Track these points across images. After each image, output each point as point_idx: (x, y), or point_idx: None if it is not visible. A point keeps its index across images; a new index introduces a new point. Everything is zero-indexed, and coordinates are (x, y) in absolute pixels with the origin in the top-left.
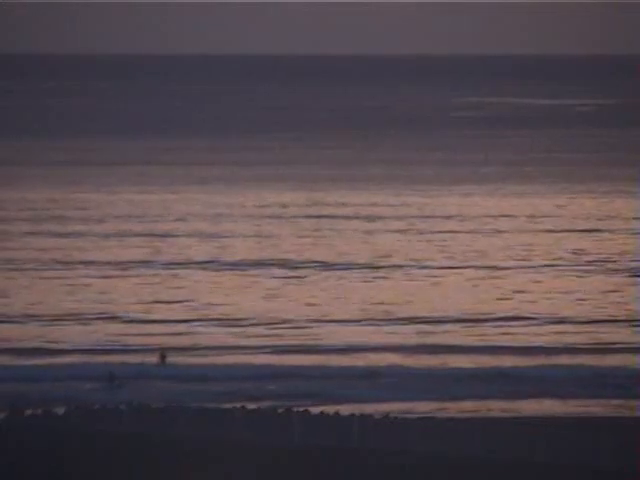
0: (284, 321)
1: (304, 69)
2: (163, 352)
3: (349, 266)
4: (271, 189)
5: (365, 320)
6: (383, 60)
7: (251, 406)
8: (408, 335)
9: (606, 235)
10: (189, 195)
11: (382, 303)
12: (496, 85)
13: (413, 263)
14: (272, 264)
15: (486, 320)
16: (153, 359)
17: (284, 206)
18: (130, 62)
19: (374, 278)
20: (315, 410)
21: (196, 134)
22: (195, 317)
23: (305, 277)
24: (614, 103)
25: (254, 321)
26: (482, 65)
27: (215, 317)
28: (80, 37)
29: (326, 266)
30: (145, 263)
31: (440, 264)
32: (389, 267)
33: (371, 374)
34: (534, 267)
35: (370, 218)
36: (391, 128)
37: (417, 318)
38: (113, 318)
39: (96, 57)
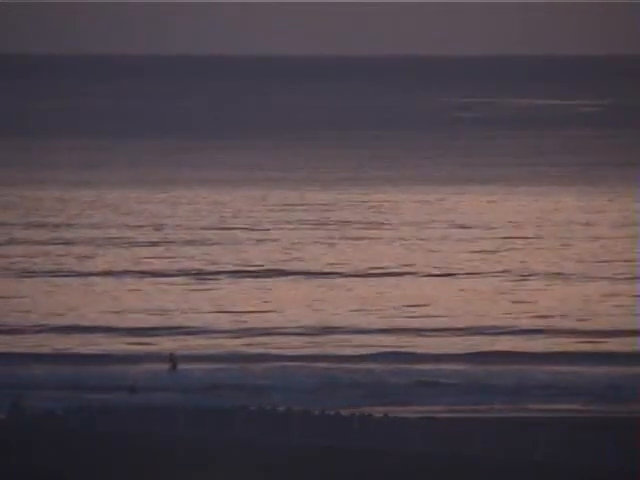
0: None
1: (304, 69)
2: (173, 357)
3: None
4: (278, 190)
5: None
6: (383, 60)
7: (251, 406)
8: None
9: None
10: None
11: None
12: (496, 86)
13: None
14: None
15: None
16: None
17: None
18: (130, 62)
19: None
20: (315, 410)
21: (198, 135)
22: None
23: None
24: (618, 103)
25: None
26: (482, 66)
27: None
28: (80, 37)
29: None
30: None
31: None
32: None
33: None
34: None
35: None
36: (394, 128)
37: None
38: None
39: (96, 57)
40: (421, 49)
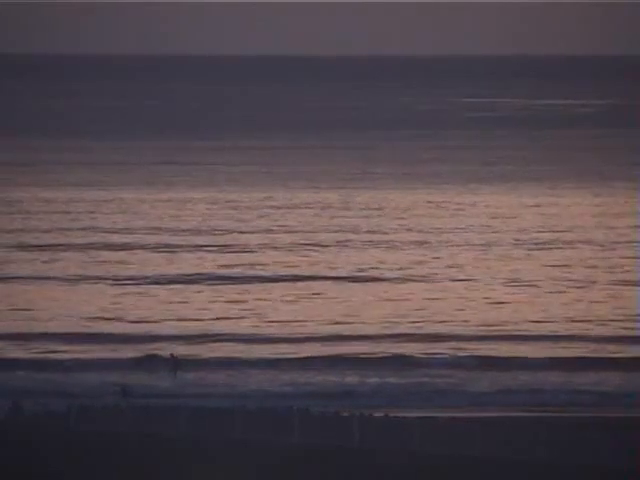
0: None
1: (305, 70)
2: (175, 359)
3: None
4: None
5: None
6: (383, 60)
7: (251, 406)
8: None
9: None
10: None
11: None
12: (496, 86)
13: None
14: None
15: None
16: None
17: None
18: (130, 63)
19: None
20: (315, 410)
21: (199, 135)
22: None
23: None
24: (618, 103)
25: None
26: (483, 66)
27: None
28: (80, 37)
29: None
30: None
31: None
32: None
33: None
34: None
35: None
36: (394, 129)
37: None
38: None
39: (96, 57)
40: (421, 49)
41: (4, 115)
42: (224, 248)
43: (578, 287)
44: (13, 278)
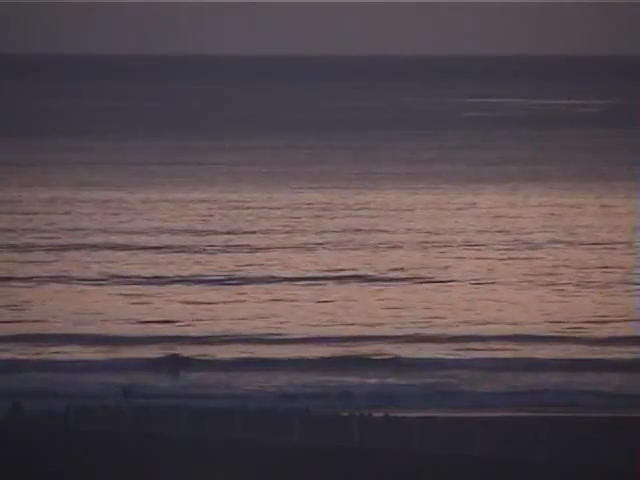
0: None
1: (305, 70)
2: (177, 359)
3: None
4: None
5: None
6: (383, 60)
7: (251, 406)
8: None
9: None
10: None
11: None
12: (496, 86)
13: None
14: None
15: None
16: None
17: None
18: (130, 62)
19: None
20: (315, 410)
21: (199, 135)
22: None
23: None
24: (618, 103)
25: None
26: (483, 66)
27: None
28: (80, 37)
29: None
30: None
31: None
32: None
33: None
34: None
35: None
36: (397, 128)
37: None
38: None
39: (96, 57)
40: (421, 49)
41: (4, 115)
42: (225, 248)
43: (579, 287)
44: (13, 278)
